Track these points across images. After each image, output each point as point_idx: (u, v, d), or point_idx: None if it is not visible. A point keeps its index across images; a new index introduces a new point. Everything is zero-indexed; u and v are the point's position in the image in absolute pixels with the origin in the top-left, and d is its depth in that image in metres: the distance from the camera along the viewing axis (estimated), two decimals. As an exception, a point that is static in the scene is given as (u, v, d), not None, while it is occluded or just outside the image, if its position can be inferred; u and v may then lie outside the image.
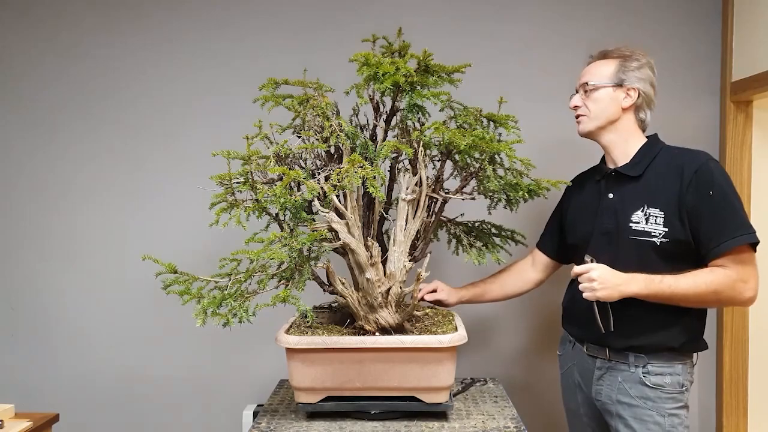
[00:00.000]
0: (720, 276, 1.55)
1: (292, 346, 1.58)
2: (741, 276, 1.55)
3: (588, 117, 1.71)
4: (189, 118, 2.35)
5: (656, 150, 1.69)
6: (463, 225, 1.90)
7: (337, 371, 1.60)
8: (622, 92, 1.68)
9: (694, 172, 1.58)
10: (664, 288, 1.56)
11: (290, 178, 1.47)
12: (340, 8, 2.32)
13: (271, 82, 1.69)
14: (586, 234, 1.75)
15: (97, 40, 2.34)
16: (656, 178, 1.65)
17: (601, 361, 1.72)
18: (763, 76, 2.02)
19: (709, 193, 1.56)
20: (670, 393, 1.64)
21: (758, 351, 2.24)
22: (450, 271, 2.22)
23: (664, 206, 1.61)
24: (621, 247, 1.65)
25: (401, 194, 1.64)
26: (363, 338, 1.60)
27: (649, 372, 1.65)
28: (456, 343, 1.57)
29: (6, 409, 1.82)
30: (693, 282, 1.55)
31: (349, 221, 1.59)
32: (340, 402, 1.63)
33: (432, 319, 1.79)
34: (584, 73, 1.75)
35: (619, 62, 1.70)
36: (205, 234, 1.71)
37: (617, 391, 1.69)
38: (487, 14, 2.31)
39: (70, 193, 2.38)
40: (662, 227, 1.60)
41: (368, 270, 1.60)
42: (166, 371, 2.39)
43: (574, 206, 1.84)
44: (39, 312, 2.39)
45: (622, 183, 1.69)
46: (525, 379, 2.37)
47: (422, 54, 1.58)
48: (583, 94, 1.73)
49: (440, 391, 1.62)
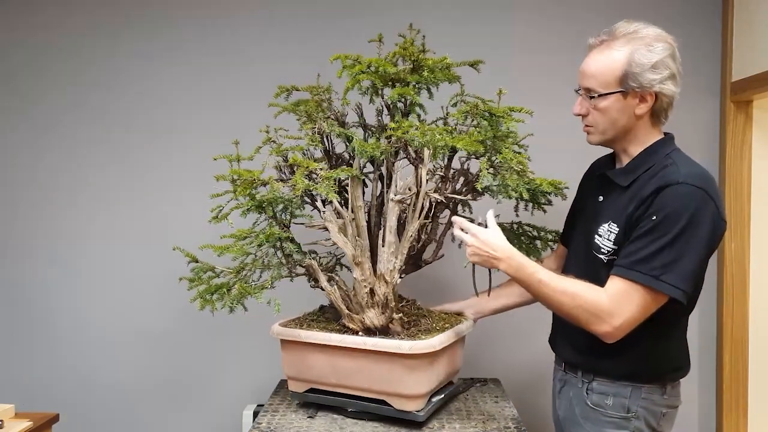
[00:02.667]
0: (591, 295, 1.36)
1: (274, 335, 1.69)
2: (611, 308, 1.33)
3: (596, 129, 1.45)
4: (194, 121, 2.35)
5: (656, 158, 1.42)
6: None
7: (313, 365, 1.65)
8: (635, 98, 1.37)
9: (657, 187, 1.33)
10: (533, 280, 1.40)
11: (304, 167, 1.54)
12: (341, 11, 2.32)
13: (282, 89, 1.72)
14: (572, 228, 1.68)
15: (104, 44, 2.34)
16: (636, 191, 1.40)
17: (561, 373, 1.62)
18: (763, 76, 2.02)
19: (651, 217, 1.32)
20: (610, 417, 1.45)
21: (758, 351, 2.24)
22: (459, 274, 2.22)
23: (620, 221, 1.41)
24: (586, 253, 1.50)
25: (390, 194, 1.62)
26: (331, 335, 1.62)
27: (592, 390, 1.49)
28: (418, 350, 1.51)
29: (6, 409, 1.82)
30: (562, 286, 1.38)
31: (346, 221, 1.59)
32: (322, 395, 1.68)
33: (433, 323, 1.72)
34: (584, 71, 1.42)
35: (627, 56, 1.35)
36: (207, 235, 1.71)
37: (568, 407, 1.57)
38: (487, 14, 2.31)
39: (72, 195, 2.38)
40: (612, 244, 1.42)
41: (354, 269, 1.62)
42: (167, 371, 2.39)
43: (581, 195, 1.69)
44: (39, 312, 2.39)
45: (612, 189, 1.48)
46: (525, 379, 2.37)
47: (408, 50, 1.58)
48: (587, 99, 1.43)
49: (410, 399, 1.56)
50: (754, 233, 2.23)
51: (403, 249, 1.64)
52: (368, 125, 1.81)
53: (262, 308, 1.58)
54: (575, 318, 1.39)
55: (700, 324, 2.28)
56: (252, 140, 1.74)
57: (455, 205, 1.75)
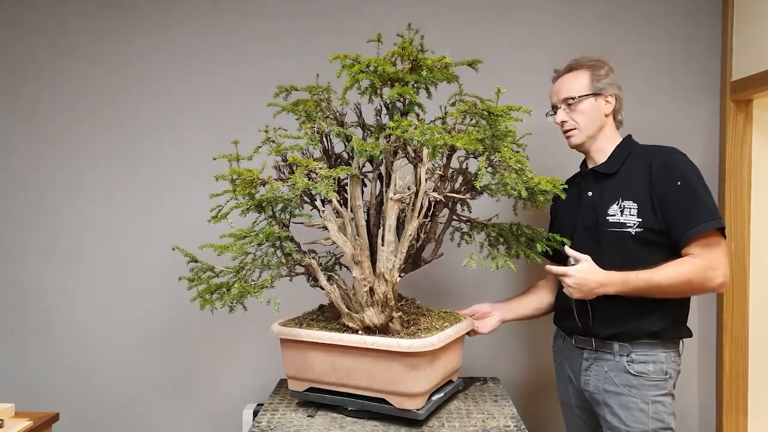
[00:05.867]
0: (690, 266, 1.62)
1: (274, 335, 1.69)
2: (710, 263, 1.62)
3: (578, 130, 1.79)
4: (192, 119, 2.35)
5: (630, 148, 1.78)
6: (495, 227, 1.84)
7: (313, 364, 1.66)
8: (602, 100, 1.78)
9: (661, 164, 1.68)
10: (640, 283, 1.63)
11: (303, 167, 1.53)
12: (341, 11, 2.32)
13: (281, 89, 1.72)
14: (569, 230, 1.81)
15: (101, 42, 2.35)
16: (629, 174, 1.74)
17: (588, 352, 1.80)
18: (763, 76, 2.02)
19: (676, 183, 1.65)
20: (653, 380, 1.70)
21: (758, 350, 2.24)
22: (460, 275, 2.22)
23: (636, 198, 1.70)
24: (601, 240, 1.73)
25: (389, 193, 1.62)
26: (330, 334, 1.62)
27: (632, 360, 1.72)
28: (417, 349, 1.51)
29: (6, 408, 1.82)
30: (666, 274, 1.62)
31: (345, 220, 1.59)
32: (323, 394, 1.68)
33: (433, 322, 1.72)
34: (558, 89, 1.83)
35: (590, 73, 1.79)
36: (207, 235, 1.72)
37: (603, 380, 1.75)
38: (487, 15, 2.31)
39: (71, 194, 2.39)
40: (636, 218, 1.69)
41: (354, 268, 1.62)
42: (167, 371, 2.39)
43: (560, 207, 1.89)
44: (39, 311, 2.40)
45: (600, 181, 1.79)
46: (525, 379, 2.37)
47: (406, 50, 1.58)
48: (566, 108, 1.80)
49: (410, 397, 1.56)
50: (754, 233, 2.23)
51: (402, 248, 1.64)
52: (366, 125, 1.81)
53: (262, 308, 1.58)
54: (689, 291, 1.67)
55: (700, 324, 2.28)
56: (252, 139, 1.74)
57: (454, 203, 1.75)
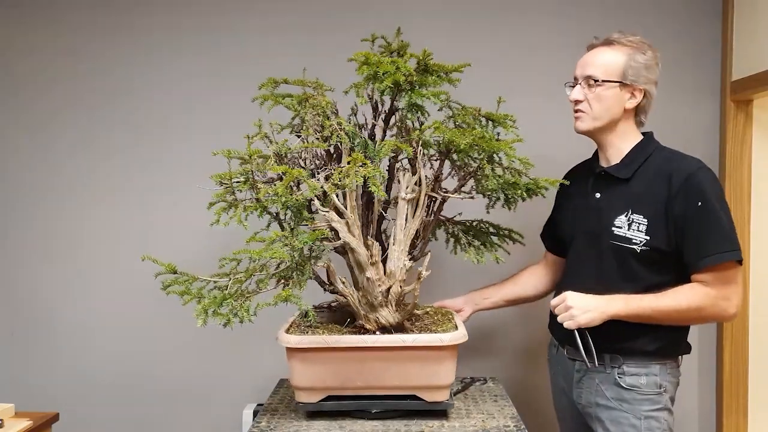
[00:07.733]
0: (701, 294, 1.50)
1: (293, 346, 1.57)
2: (723, 294, 1.50)
3: (588, 115, 1.59)
4: (189, 119, 2.35)
5: (649, 151, 1.60)
6: (461, 224, 1.90)
7: (338, 370, 1.59)
8: (628, 92, 1.56)
9: (684, 179, 1.50)
10: (644, 307, 1.52)
11: (292, 177, 1.47)
12: (340, 9, 2.32)
13: (271, 81, 1.71)
14: (570, 231, 1.73)
15: (99, 41, 2.34)
16: (644, 184, 1.57)
17: (580, 363, 1.69)
18: (763, 76, 2.02)
19: (697, 203, 1.48)
20: (646, 394, 1.59)
21: (758, 351, 2.24)
22: (449, 270, 2.22)
23: (648, 212, 1.54)
24: (603, 249, 1.61)
25: (401, 193, 1.64)
26: (364, 337, 1.60)
27: (624, 373, 1.60)
28: (457, 341, 1.57)
29: (6, 408, 1.82)
30: (674, 300, 1.51)
31: (348, 220, 1.59)
32: (341, 401, 1.63)
33: (432, 318, 1.79)
34: (587, 62, 1.59)
35: (627, 55, 1.55)
36: (207, 234, 1.71)
37: (595, 393, 1.66)
38: (486, 14, 2.31)
39: (70, 194, 2.38)
40: (644, 235, 1.54)
41: (369, 269, 1.60)
42: (166, 371, 2.39)
43: (565, 200, 1.80)
44: (39, 311, 2.39)
45: (610, 184, 1.62)
46: (525, 379, 2.37)
47: (422, 54, 1.58)
48: (585, 87, 1.58)
49: (441, 389, 1.62)
50: (754, 233, 2.22)
51: (405, 247, 1.65)
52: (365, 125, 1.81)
53: (262, 308, 1.57)
54: (698, 319, 1.58)
55: (700, 324, 2.28)
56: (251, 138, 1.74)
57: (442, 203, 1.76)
